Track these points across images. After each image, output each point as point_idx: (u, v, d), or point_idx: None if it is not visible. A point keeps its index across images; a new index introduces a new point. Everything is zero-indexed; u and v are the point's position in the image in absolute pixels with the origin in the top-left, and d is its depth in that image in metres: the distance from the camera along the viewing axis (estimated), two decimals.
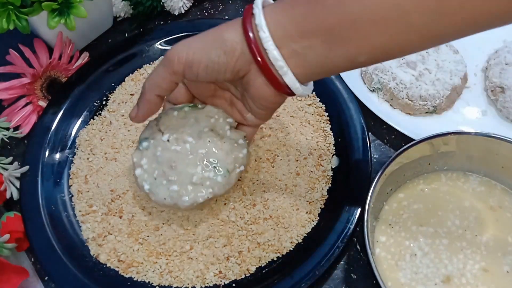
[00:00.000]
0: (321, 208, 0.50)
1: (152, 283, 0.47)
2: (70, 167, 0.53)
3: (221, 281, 0.47)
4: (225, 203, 0.50)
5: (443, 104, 0.57)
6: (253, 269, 0.47)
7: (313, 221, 0.50)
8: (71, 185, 0.52)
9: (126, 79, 0.60)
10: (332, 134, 0.55)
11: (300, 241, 0.49)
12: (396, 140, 0.57)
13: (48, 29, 0.54)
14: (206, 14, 0.68)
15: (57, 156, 0.54)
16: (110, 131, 0.56)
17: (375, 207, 0.46)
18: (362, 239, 0.44)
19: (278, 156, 0.53)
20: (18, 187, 0.51)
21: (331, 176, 0.52)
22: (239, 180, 0.51)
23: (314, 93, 0.57)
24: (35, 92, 0.58)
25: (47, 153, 0.54)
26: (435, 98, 0.56)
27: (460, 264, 0.46)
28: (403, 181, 0.50)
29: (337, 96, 0.56)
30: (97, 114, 0.57)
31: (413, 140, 0.48)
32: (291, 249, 0.48)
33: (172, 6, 0.66)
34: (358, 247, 0.50)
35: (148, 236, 0.49)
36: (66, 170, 0.53)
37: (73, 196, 0.52)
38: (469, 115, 0.58)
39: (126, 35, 0.66)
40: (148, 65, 0.61)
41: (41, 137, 0.54)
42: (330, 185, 0.52)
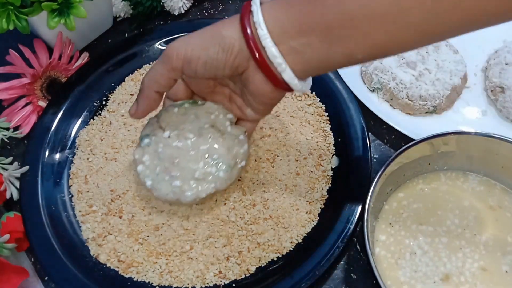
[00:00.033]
0: (321, 208, 0.50)
1: (152, 283, 0.47)
2: (70, 167, 0.53)
3: (221, 281, 0.47)
4: (225, 203, 0.50)
5: (443, 104, 0.57)
6: (253, 269, 0.47)
7: (313, 221, 0.50)
8: (71, 185, 0.52)
9: (126, 79, 0.60)
10: (332, 134, 0.55)
11: (300, 241, 0.49)
12: (396, 140, 0.57)
13: (48, 29, 0.54)
14: (206, 14, 0.68)
15: (57, 156, 0.54)
16: (110, 131, 0.56)
17: (375, 207, 0.47)
18: (362, 239, 0.44)
19: (278, 156, 0.53)
20: (18, 187, 0.51)
21: (331, 176, 0.52)
22: (239, 180, 0.51)
23: (314, 93, 0.57)
24: (35, 92, 0.58)
25: (47, 153, 0.54)
26: (435, 98, 0.56)
27: (459, 262, 0.46)
28: (403, 181, 0.50)
29: (337, 96, 0.56)
30: (97, 114, 0.57)
31: (413, 140, 0.48)
32: (291, 249, 0.48)
33: (172, 6, 0.66)
34: (358, 247, 0.50)
35: (148, 236, 0.49)
36: (66, 170, 0.53)
37: (73, 196, 0.52)
38: (469, 115, 0.58)
39: (126, 35, 0.66)
40: (148, 65, 0.61)
41: (41, 137, 0.54)
42: (330, 185, 0.52)
